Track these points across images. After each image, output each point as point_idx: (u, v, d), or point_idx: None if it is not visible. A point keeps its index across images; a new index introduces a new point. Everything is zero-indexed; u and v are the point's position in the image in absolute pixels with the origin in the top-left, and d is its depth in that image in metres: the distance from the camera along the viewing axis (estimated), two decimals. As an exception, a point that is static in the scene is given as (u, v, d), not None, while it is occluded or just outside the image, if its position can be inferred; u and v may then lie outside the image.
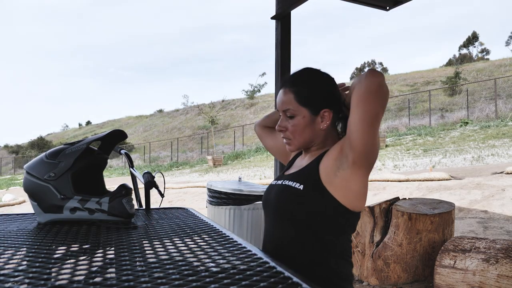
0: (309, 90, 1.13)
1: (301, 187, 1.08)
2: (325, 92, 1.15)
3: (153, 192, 1.72)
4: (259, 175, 11.73)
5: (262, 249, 1.17)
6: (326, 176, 1.07)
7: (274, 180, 1.25)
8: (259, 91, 37.38)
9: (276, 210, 1.14)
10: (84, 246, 0.90)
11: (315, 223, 1.07)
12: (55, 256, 0.82)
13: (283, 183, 1.15)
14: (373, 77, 1.02)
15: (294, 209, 1.09)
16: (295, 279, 0.66)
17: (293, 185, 1.11)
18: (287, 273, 0.69)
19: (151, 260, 0.78)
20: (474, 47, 42.04)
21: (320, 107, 1.13)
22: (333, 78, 1.18)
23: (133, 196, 1.26)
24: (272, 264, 0.75)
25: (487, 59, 36.62)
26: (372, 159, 1.04)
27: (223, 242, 0.94)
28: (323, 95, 1.14)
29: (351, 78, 44.80)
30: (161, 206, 1.56)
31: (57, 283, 0.64)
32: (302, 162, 1.20)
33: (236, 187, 3.17)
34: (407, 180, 6.99)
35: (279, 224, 1.14)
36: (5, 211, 9.23)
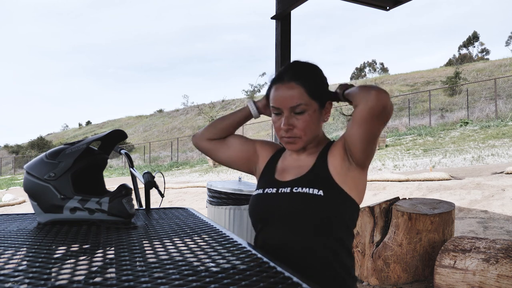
0: (315, 82, 1.09)
1: (321, 192, 1.03)
2: (326, 82, 1.13)
3: (153, 192, 1.72)
4: (259, 175, 11.71)
5: None
6: (338, 176, 1.06)
7: (268, 187, 1.12)
8: (259, 91, 37.41)
9: (293, 220, 1.04)
10: (84, 246, 0.90)
11: (336, 225, 1.05)
12: (55, 256, 0.82)
13: (296, 190, 1.05)
14: (379, 100, 0.96)
15: (318, 216, 1.02)
16: (295, 279, 0.66)
17: (312, 192, 1.03)
18: (287, 273, 0.69)
19: (151, 260, 0.78)
20: (474, 47, 42.05)
21: (326, 99, 1.11)
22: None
23: (133, 196, 1.26)
24: (272, 264, 0.75)
25: (487, 59, 36.61)
26: (371, 159, 1.09)
27: (223, 242, 0.94)
28: (326, 86, 1.12)
29: (351, 78, 44.80)
30: (161, 206, 1.56)
31: (57, 283, 0.64)
32: (299, 162, 1.13)
33: (236, 187, 3.17)
34: (407, 180, 6.99)
35: (293, 233, 1.05)
36: (5, 211, 9.23)
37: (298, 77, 1.06)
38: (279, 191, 1.09)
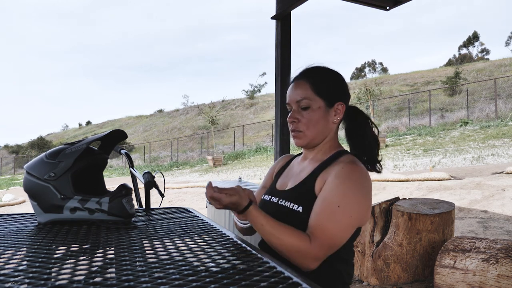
0: (325, 80, 1.12)
1: (300, 208, 1.05)
2: (339, 84, 1.15)
3: (153, 192, 1.72)
4: (259, 175, 11.73)
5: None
6: None
7: (267, 194, 1.20)
8: (259, 91, 37.47)
9: None
10: (84, 246, 0.90)
11: None
12: (55, 256, 0.82)
13: (280, 202, 1.11)
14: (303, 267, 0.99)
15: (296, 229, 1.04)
16: (295, 279, 0.66)
17: (291, 207, 1.07)
18: (287, 273, 0.69)
19: (151, 260, 0.78)
20: (474, 47, 42.04)
21: (335, 99, 1.12)
22: (342, 75, 1.18)
23: (133, 196, 1.26)
24: (272, 264, 0.75)
25: (487, 59, 36.60)
26: None
27: (223, 242, 0.94)
28: (338, 87, 1.14)
29: (351, 78, 44.79)
30: (161, 206, 1.56)
31: (57, 283, 0.64)
32: (301, 167, 1.17)
33: (236, 187, 3.16)
34: (407, 180, 6.98)
35: None
36: (5, 211, 9.23)
37: (307, 76, 1.13)
38: (271, 200, 1.16)
